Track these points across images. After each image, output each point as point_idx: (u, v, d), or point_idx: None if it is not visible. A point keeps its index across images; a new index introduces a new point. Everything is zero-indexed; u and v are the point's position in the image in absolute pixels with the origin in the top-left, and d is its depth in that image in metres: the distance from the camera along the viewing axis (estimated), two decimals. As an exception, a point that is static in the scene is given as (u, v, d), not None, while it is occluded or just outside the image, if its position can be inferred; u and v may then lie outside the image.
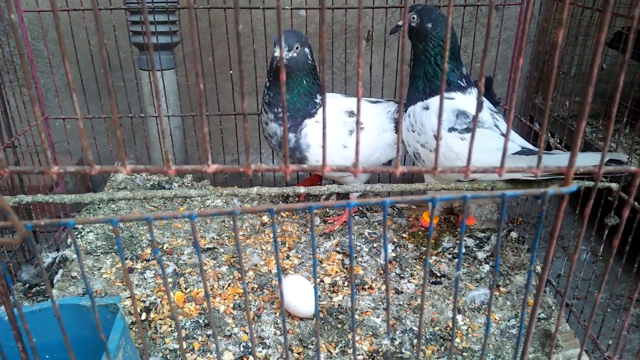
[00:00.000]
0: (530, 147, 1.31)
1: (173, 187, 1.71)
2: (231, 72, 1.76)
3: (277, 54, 1.32)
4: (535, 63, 1.87)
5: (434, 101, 1.40)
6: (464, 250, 1.48)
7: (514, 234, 1.49)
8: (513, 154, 1.26)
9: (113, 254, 1.44)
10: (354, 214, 1.63)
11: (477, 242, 1.48)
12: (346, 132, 1.48)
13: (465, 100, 1.37)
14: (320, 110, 1.46)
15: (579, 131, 0.56)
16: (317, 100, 1.46)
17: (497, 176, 1.32)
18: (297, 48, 1.37)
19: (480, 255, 1.41)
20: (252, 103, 2.14)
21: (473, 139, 0.59)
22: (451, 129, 1.34)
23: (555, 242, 0.61)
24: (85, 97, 1.85)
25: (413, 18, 1.36)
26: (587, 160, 1.12)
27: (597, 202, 1.26)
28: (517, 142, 1.32)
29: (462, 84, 1.37)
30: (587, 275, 1.60)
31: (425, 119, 1.39)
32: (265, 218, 1.63)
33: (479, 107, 0.57)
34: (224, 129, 1.91)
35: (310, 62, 1.43)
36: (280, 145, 1.48)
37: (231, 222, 1.59)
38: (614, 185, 1.15)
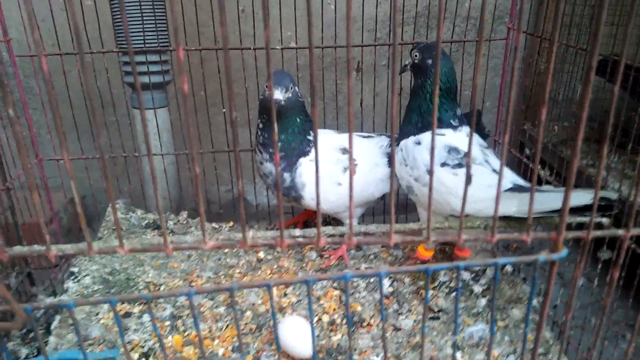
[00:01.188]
0: (522, 182, 1.32)
1: (168, 225, 1.71)
2: (224, 110, 1.78)
3: (277, 96, 1.34)
4: (521, 95, 1.91)
5: (425, 136, 1.42)
6: (460, 284, 1.49)
7: (509, 268, 1.50)
8: (505, 191, 1.27)
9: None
10: (349, 248, 1.64)
11: (473, 275, 1.49)
12: (340, 169, 1.49)
13: (456, 137, 1.39)
14: (313, 149, 1.47)
15: (566, 209, 0.57)
16: (311, 138, 1.48)
17: (490, 212, 1.34)
18: (291, 88, 1.40)
19: (477, 289, 1.42)
20: (244, 136, 2.15)
21: (465, 198, 0.60)
22: (443, 164, 1.36)
23: (547, 308, 0.62)
24: (78, 134, 1.86)
25: (415, 55, 1.39)
26: (578, 199, 1.13)
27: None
28: (508, 178, 1.34)
29: (454, 123, 1.40)
30: (583, 302, 1.61)
31: (417, 153, 1.41)
32: (261, 254, 1.63)
33: (470, 151, 0.59)
34: (217, 161, 1.92)
35: (302, 100, 1.45)
36: (276, 185, 1.49)
37: (227, 260, 1.60)
38: (605, 221, 1.17)
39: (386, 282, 1.46)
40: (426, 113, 1.40)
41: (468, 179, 0.56)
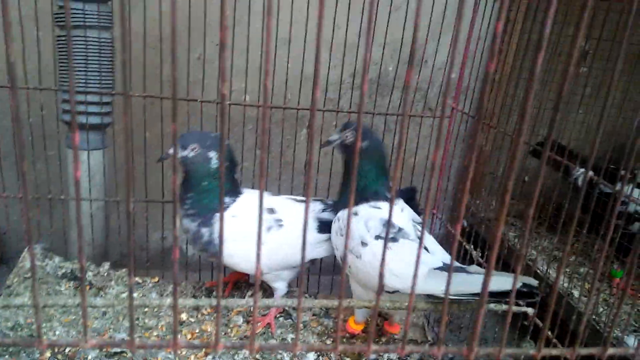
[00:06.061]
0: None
1: (88, 276, 1.59)
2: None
3: (170, 151, 1.36)
4: (462, 171, 1.96)
5: (362, 208, 1.41)
6: None
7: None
8: (435, 268, 1.27)
9: (7, 356, 1.29)
10: (278, 315, 1.57)
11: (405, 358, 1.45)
12: (264, 229, 1.45)
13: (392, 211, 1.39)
14: (234, 205, 1.44)
15: (477, 329, 0.55)
16: (234, 197, 1.47)
17: (420, 289, 1.32)
18: (194, 149, 1.37)
19: (404, 370, 1.38)
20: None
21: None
22: (377, 237, 1.34)
23: None
24: (2, 171, 1.73)
25: (347, 136, 1.39)
26: (499, 283, 1.13)
27: (514, 325, 1.28)
28: (439, 255, 1.33)
29: (389, 196, 1.40)
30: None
31: (353, 224, 1.39)
32: (184, 316, 1.53)
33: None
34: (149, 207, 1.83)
35: (213, 168, 1.40)
36: (195, 240, 1.43)
37: (146, 321, 1.49)
38: (530, 310, 1.17)
39: (311, 357, 1.40)
40: (363, 190, 1.39)
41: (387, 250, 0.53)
